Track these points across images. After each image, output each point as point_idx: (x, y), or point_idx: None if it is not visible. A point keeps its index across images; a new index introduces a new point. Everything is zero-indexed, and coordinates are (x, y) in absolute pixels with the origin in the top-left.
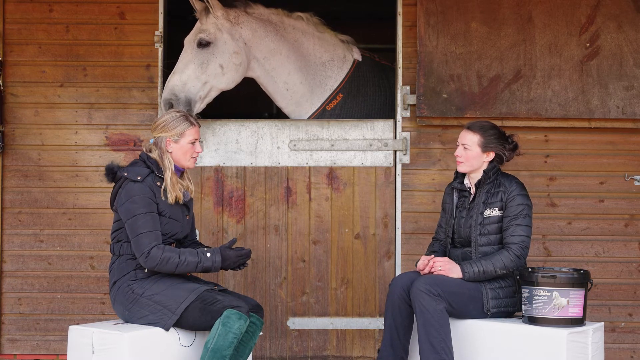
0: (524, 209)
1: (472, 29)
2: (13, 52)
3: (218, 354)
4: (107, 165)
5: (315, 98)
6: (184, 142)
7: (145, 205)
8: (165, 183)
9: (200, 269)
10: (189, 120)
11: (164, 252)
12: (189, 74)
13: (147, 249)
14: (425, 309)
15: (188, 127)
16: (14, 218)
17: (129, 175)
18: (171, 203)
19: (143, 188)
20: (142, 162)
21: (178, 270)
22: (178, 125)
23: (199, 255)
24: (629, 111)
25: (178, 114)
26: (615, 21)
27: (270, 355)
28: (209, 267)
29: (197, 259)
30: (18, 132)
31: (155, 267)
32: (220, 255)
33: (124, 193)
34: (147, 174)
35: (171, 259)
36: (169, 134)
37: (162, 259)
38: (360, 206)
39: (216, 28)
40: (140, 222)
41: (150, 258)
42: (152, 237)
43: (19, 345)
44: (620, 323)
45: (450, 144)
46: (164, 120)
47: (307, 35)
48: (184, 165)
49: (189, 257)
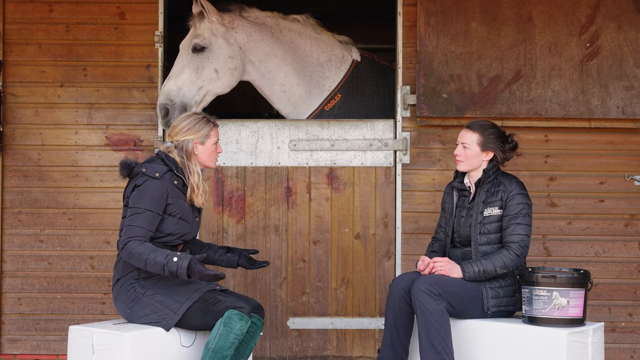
0: (523, 208)
1: (472, 29)
2: (13, 52)
3: (219, 354)
4: (123, 160)
5: (313, 99)
6: (209, 144)
7: (151, 203)
8: (193, 188)
9: (166, 271)
10: (212, 122)
11: (138, 247)
12: (184, 79)
13: (125, 240)
14: (426, 308)
15: (212, 128)
16: (14, 218)
17: (147, 172)
18: (197, 206)
19: (158, 186)
20: (160, 160)
21: (148, 268)
22: (203, 127)
23: (167, 257)
24: (629, 111)
25: (199, 116)
26: (615, 21)
27: (271, 355)
28: (174, 272)
29: (164, 261)
30: (18, 132)
31: (128, 259)
32: (187, 263)
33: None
34: (165, 172)
35: (142, 255)
36: (195, 136)
37: (134, 252)
38: (361, 206)
39: (211, 33)
40: (138, 216)
41: (125, 249)
42: (138, 232)
43: (19, 345)
44: (620, 323)
45: (451, 144)
46: (188, 123)
47: (304, 36)
48: (208, 166)
49: (158, 257)
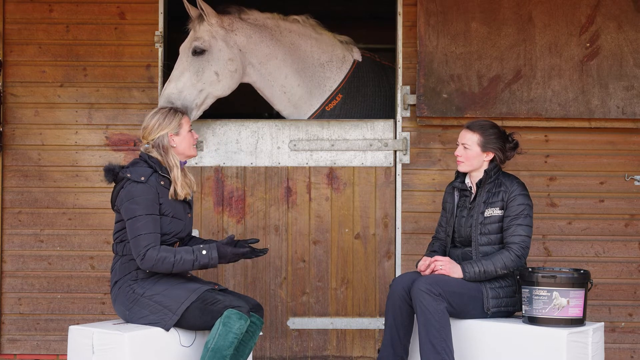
0: (524, 209)
1: (472, 29)
2: (13, 52)
3: (218, 354)
4: (107, 165)
5: (314, 99)
6: (184, 132)
7: (147, 207)
8: (174, 181)
9: (197, 266)
10: (179, 111)
11: (160, 253)
12: (184, 82)
13: (142, 250)
14: (426, 308)
15: (182, 117)
16: (14, 218)
17: (132, 176)
18: (180, 199)
19: (146, 189)
20: (144, 162)
21: (175, 269)
22: (173, 119)
23: (195, 252)
24: (629, 111)
25: (166, 110)
26: (615, 21)
27: (270, 355)
28: (206, 264)
29: (192, 257)
30: (18, 132)
31: (152, 268)
32: (216, 251)
33: (125, 193)
34: (150, 174)
35: (167, 258)
36: (168, 129)
37: (158, 259)
38: (361, 206)
39: (210, 35)
40: (139, 224)
41: (145, 259)
42: (149, 239)
43: (19, 345)
44: (620, 323)
45: (451, 144)
46: (157, 119)
47: (304, 37)
48: (189, 155)
49: (184, 256)
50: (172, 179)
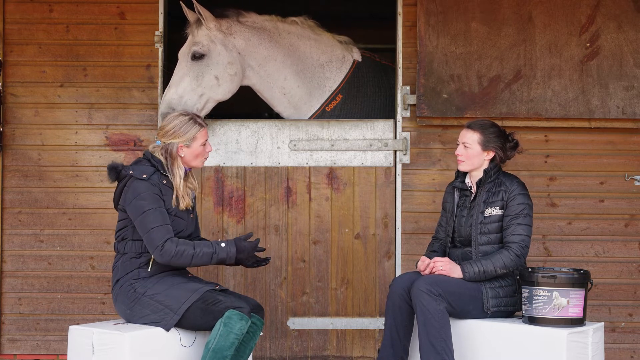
0: (524, 209)
1: (472, 29)
2: (13, 52)
3: (219, 354)
4: (110, 164)
5: (314, 100)
6: (195, 146)
7: (154, 201)
8: (176, 191)
9: (215, 260)
10: (198, 123)
11: (178, 245)
12: (184, 87)
13: (160, 242)
14: (426, 309)
15: (199, 131)
16: (14, 218)
17: (134, 174)
18: (182, 209)
19: (149, 185)
20: (147, 161)
21: (193, 263)
22: (189, 130)
23: (214, 246)
24: (629, 111)
25: (186, 118)
26: (615, 21)
27: (271, 355)
28: (224, 259)
29: (211, 250)
30: (18, 132)
31: (171, 261)
32: (235, 247)
33: (131, 191)
34: (152, 172)
35: (186, 251)
36: (180, 139)
37: (177, 251)
38: (361, 206)
39: (209, 40)
40: (150, 218)
41: (165, 251)
42: (164, 231)
43: (19, 345)
44: (620, 323)
45: (451, 144)
46: (174, 126)
47: (303, 38)
48: (193, 166)
49: (204, 249)
50: (175, 188)
